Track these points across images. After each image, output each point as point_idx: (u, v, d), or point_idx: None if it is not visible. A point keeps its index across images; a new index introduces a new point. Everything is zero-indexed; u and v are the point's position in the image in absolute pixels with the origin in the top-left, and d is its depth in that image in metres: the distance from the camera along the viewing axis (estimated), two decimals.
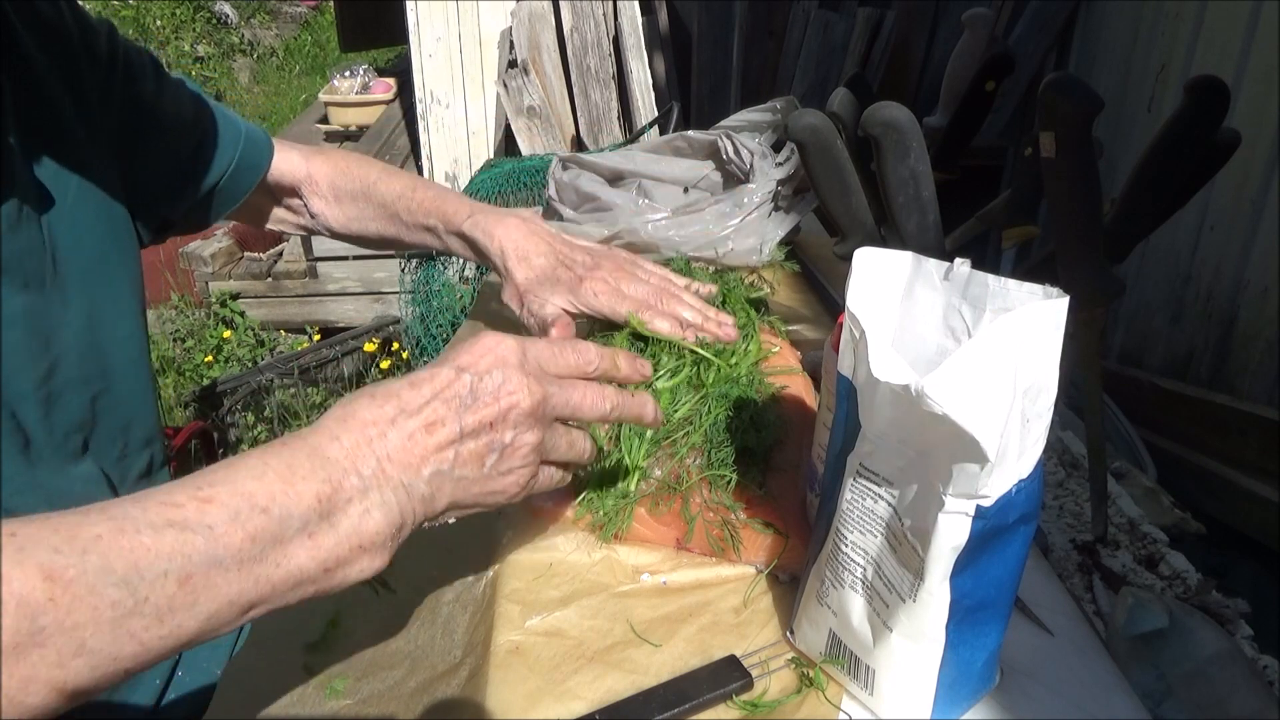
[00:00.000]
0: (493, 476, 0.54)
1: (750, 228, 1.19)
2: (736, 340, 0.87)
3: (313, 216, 1.03)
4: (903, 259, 0.58)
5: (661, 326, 0.85)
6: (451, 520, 0.56)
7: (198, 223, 0.95)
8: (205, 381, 3.19)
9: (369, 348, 3.40)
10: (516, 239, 0.92)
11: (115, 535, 0.40)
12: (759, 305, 0.99)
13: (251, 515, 0.44)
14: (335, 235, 1.05)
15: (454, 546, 0.78)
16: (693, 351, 0.86)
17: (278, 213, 1.03)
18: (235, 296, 3.78)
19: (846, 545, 0.58)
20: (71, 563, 0.39)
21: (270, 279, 3.79)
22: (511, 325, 1.13)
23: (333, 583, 0.48)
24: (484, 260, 0.96)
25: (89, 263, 0.76)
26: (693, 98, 3.81)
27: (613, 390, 0.61)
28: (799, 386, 0.87)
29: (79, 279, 0.75)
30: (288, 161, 0.98)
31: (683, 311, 0.87)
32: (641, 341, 0.88)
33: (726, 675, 0.62)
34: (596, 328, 0.96)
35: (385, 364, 3.37)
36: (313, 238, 3.77)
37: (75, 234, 0.75)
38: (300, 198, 1.01)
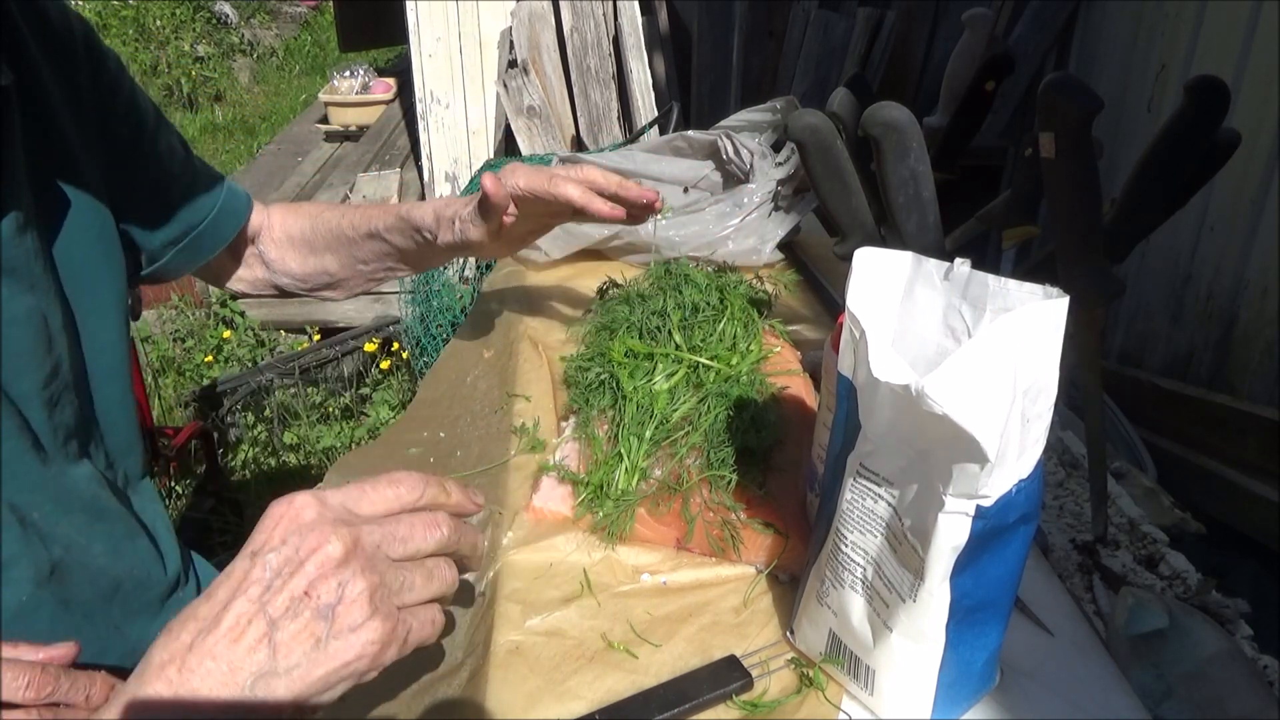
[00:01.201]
0: (334, 646, 0.47)
1: (750, 228, 1.19)
2: (654, 199, 0.86)
3: (268, 265, 1.01)
4: (903, 259, 0.58)
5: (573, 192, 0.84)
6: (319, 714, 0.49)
7: (169, 269, 0.92)
8: (205, 381, 3.19)
9: (369, 348, 3.40)
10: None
11: None
12: (760, 306, 0.99)
13: None
14: (291, 284, 1.02)
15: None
16: (691, 356, 0.86)
17: (240, 271, 1.01)
18: (235, 296, 3.78)
19: (846, 545, 0.58)
20: None
21: None
22: (510, 325, 1.13)
23: None
24: (446, 221, 0.91)
25: (77, 271, 0.77)
26: (693, 98, 3.81)
27: (445, 517, 0.54)
28: (799, 386, 0.87)
29: (69, 286, 0.76)
30: (255, 212, 0.98)
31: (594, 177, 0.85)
32: (640, 349, 0.89)
33: (726, 675, 0.62)
34: (595, 334, 0.96)
35: (385, 364, 3.37)
36: None
37: (66, 242, 0.76)
38: (258, 246, 1.00)
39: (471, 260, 2.51)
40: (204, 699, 0.44)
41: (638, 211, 0.88)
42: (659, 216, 0.92)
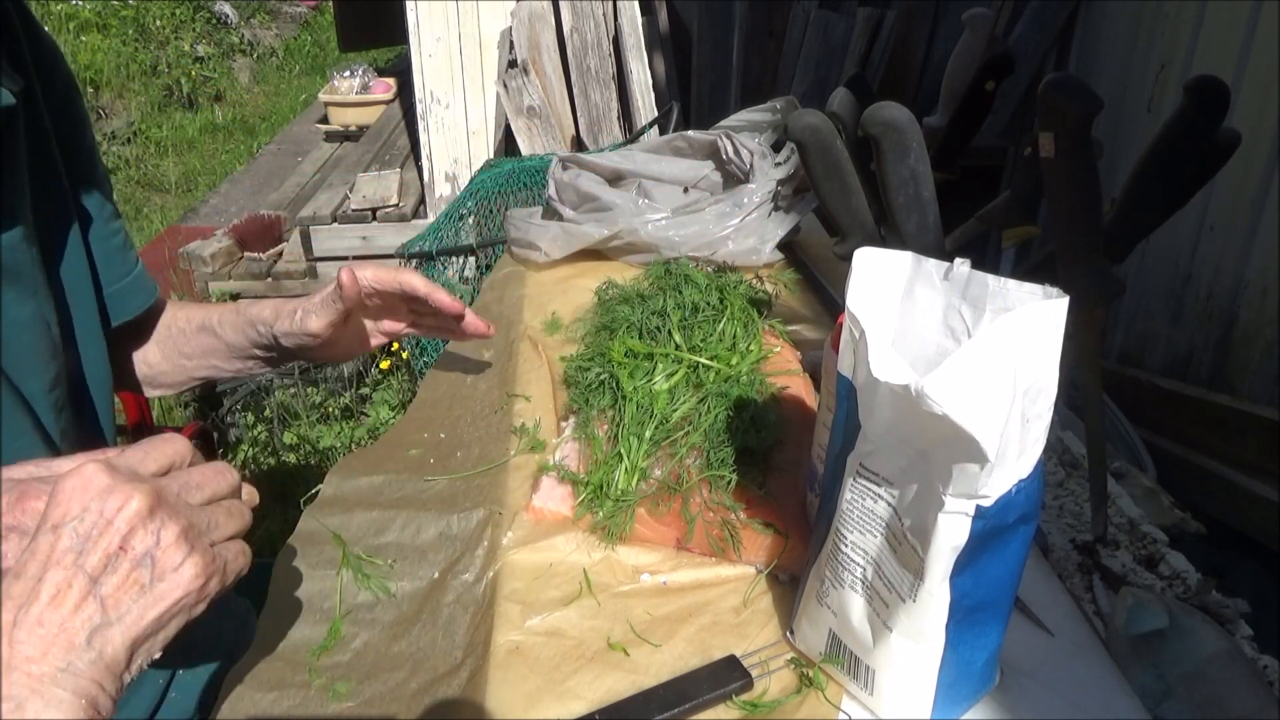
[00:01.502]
0: (160, 587, 0.49)
1: (750, 228, 1.19)
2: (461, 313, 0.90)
3: (148, 363, 0.97)
4: (903, 259, 0.58)
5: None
6: (159, 654, 0.51)
7: None
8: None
9: None
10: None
11: None
12: (760, 306, 0.99)
13: None
14: (168, 381, 0.98)
15: (455, 548, 0.78)
16: (691, 356, 0.86)
17: (126, 366, 0.96)
18: (235, 296, 3.78)
19: (846, 545, 0.58)
20: None
21: (270, 279, 3.79)
22: (510, 325, 1.13)
23: None
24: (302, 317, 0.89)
25: (70, 283, 0.78)
26: (693, 98, 3.81)
27: (228, 466, 0.58)
28: (799, 387, 0.87)
29: (63, 297, 0.77)
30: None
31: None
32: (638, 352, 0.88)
33: (726, 675, 0.62)
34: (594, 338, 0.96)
35: (385, 364, 3.37)
36: (313, 236, 3.77)
37: (60, 254, 0.77)
38: (143, 343, 0.97)
39: (471, 260, 2.51)
40: (33, 662, 0.46)
41: (449, 323, 0.92)
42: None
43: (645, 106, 3.40)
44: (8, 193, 0.69)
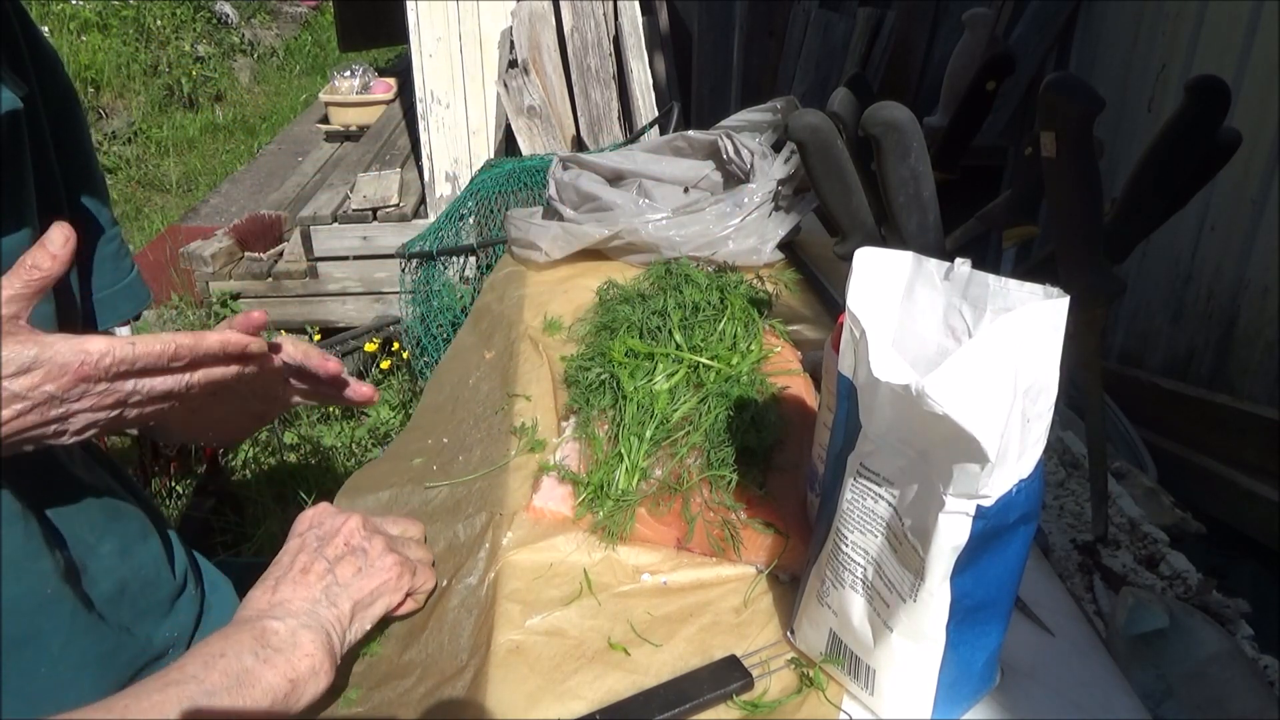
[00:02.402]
0: (371, 571, 0.69)
1: (750, 228, 1.19)
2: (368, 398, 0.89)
3: None
4: (903, 259, 0.58)
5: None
6: (369, 626, 0.69)
7: None
8: None
9: (369, 348, 3.40)
10: None
11: (136, 701, 0.57)
12: (761, 306, 0.99)
13: (215, 660, 0.60)
14: None
15: (460, 555, 0.78)
16: (691, 356, 0.86)
17: None
18: (236, 296, 3.78)
19: (847, 545, 0.58)
20: None
21: (271, 279, 3.79)
22: (510, 325, 1.13)
23: (300, 694, 0.62)
24: None
25: (67, 286, 0.78)
26: (693, 98, 3.81)
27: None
28: (799, 386, 0.87)
29: (62, 300, 0.78)
30: None
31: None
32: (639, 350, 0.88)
33: (727, 675, 0.62)
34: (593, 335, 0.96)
35: (385, 364, 3.37)
36: (314, 236, 3.77)
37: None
38: None
39: (471, 260, 2.51)
40: (291, 601, 0.66)
41: (330, 389, 0.86)
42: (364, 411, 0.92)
43: (645, 106, 3.40)
44: (11, 196, 0.69)
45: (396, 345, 3.39)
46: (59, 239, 0.61)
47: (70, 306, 0.79)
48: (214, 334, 0.66)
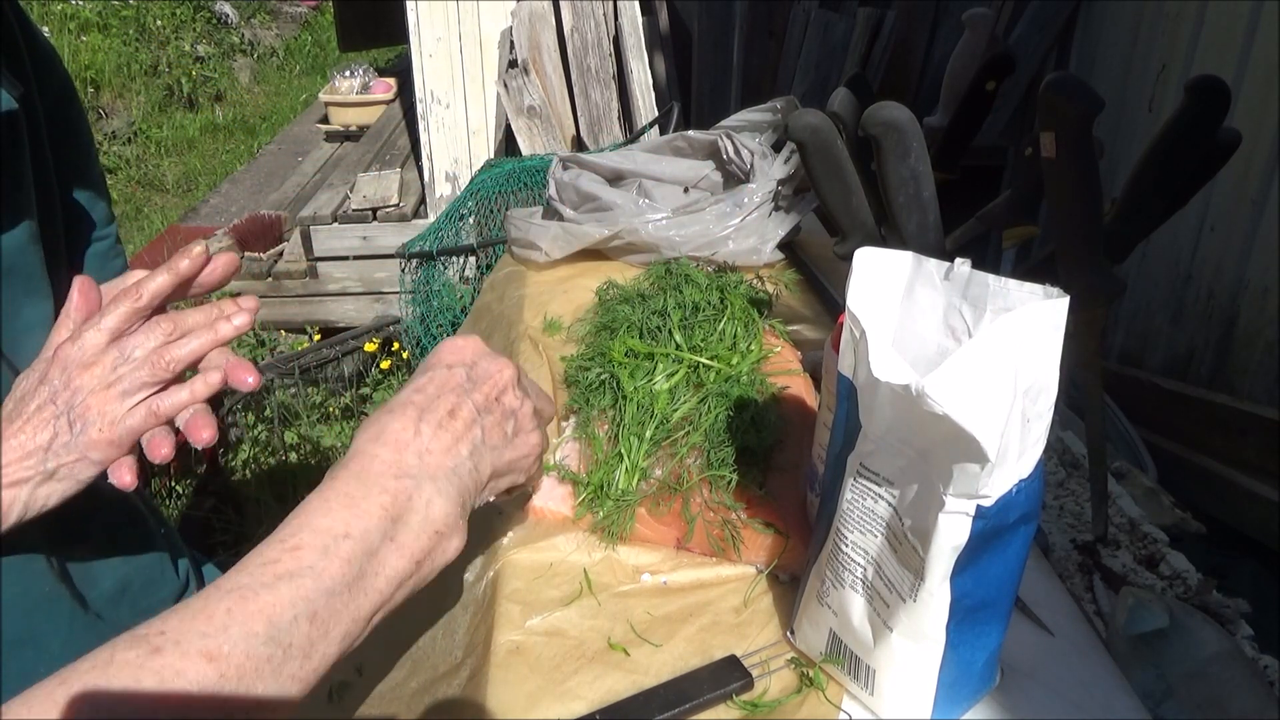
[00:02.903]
0: (516, 441, 0.61)
1: (750, 228, 1.19)
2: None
3: None
4: (903, 259, 0.58)
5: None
6: (499, 497, 0.62)
7: None
8: None
9: (369, 348, 3.40)
10: None
11: (242, 604, 0.46)
12: (761, 306, 0.99)
13: (338, 545, 0.49)
14: None
15: None
16: (691, 356, 0.86)
17: None
18: (235, 296, 3.78)
19: (847, 545, 0.58)
20: (222, 641, 0.44)
21: (270, 279, 3.79)
22: (510, 325, 1.13)
23: (424, 572, 0.53)
24: None
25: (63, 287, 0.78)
26: (693, 98, 3.81)
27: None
28: (799, 386, 0.87)
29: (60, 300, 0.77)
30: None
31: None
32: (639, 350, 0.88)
33: (727, 675, 0.62)
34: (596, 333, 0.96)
35: (385, 364, 3.37)
36: (314, 236, 3.77)
37: (56, 257, 0.77)
38: None
39: (471, 260, 2.51)
40: (433, 454, 0.55)
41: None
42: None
43: (645, 106, 3.40)
44: (10, 195, 0.69)
45: (396, 345, 3.39)
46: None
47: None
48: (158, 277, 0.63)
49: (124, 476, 0.61)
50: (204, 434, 0.62)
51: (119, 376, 0.60)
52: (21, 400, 0.60)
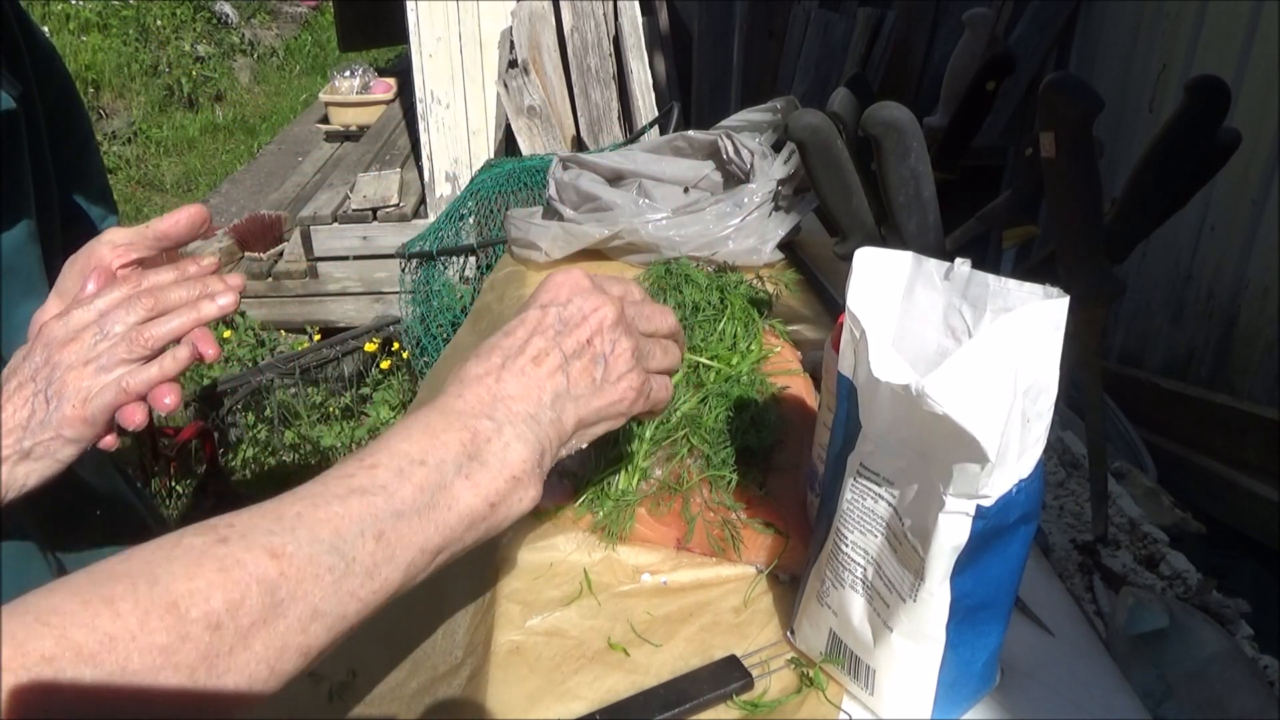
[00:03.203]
0: (605, 387, 0.57)
1: (750, 228, 1.19)
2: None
3: None
4: (903, 259, 0.58)
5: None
6: (584, 445, 0.59)
7: None
8: (205, 381, 3.19)
9: (369, 348, 3.40)
10: None
11: (312, 510, 0.45)
12: (761, 306, 0.99)
13: (413, 469, 0.48)
14: None
15: None
16: (691, 356, 0.86)
17: None
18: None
19: (847, 545, 0.58)
20: (288, 540, 0.44)
21: (271, 279, 3.80)
22: (506, 320, 1.13)
23: (498, 518, 0.52)
24: None
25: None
26: (693, 98, 3.81)
27: (666, 307, 0.65)
28: (799, 386, 0.87)
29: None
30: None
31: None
32: None
33: (727, 675, 0.62)
34: None
35: (385, 364, 3.37)
36: (314, 236, 3.77)
37: (53, 254, 0.77)
38: None
39: (471, 260, 2.51)
40: (514, 400, 0.54)
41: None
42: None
43: (645, 106, 3.40)
44: (7, 193, 0.69)
45: (396, 345, 3.40)
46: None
47: None
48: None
49: (135, 416, 0.61)
50: (165, 399, 0.62)
51: (97, 353, 0.59)
52: (6, 379, 0.60)
